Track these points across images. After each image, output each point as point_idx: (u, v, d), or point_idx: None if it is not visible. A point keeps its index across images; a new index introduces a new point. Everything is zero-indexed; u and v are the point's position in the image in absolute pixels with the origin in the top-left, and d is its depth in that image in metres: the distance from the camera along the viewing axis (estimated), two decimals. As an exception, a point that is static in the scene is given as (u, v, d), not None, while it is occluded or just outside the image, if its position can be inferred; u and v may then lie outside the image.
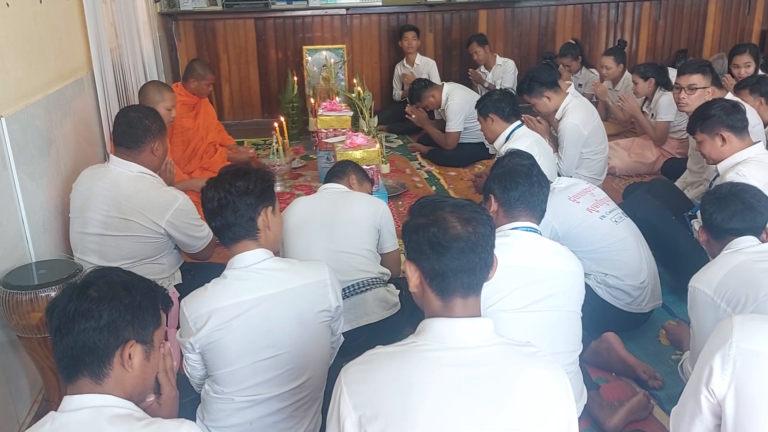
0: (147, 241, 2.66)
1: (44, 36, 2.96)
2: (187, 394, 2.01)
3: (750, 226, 2.10)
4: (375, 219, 2.74)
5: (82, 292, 1.36)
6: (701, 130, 2.97)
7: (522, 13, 6.91)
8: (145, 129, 2.69)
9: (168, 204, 2.65)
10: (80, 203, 2.69)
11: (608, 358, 2.58)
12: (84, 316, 1.33)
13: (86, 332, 1.32)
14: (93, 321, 1.33)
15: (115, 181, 2.65)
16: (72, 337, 1.32)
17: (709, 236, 2.21)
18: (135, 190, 2.64)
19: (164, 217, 2.63)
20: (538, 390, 1.29)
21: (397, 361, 1.31)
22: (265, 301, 1.84)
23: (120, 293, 1.37)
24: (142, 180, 2.67)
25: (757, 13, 7.20)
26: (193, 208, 2.73)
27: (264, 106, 6.71)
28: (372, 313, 2.63)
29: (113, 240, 2.64)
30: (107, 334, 1.34)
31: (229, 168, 1.93)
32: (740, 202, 2.11)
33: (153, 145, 2.71)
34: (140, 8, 4.89)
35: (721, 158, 2.95)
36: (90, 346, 1.33)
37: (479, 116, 3.69)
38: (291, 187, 4.76)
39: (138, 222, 2.61)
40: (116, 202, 2.62)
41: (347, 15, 6.62)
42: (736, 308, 1.93)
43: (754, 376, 1.36)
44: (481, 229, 1.37)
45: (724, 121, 2.92)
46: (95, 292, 1.36)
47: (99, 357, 1.33)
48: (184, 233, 2.69)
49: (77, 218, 2.70)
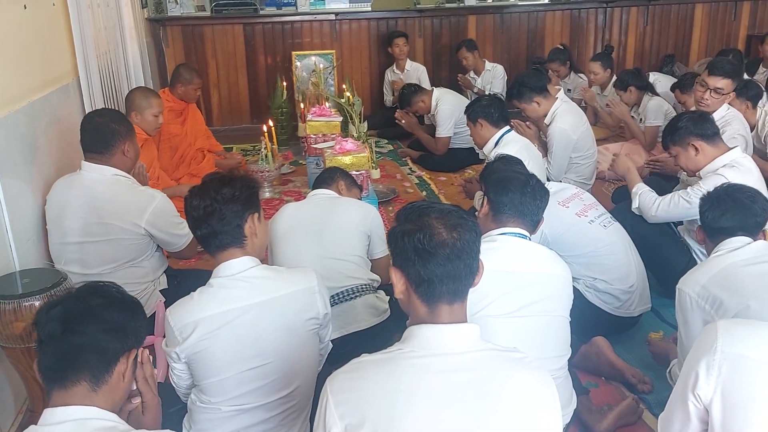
0: (128, 244, 2.64)
1: (28, 42, 2.94)
2: (174, 403, 1.99)
3: (741, 225, 2.11)
4: (365, 225, 2.73)
5: (89, 297, 1.37)
6: (673, 144, 3.02)
7: (511, 19, 6.94)
8: (113, 132, 2.68)
9: (146, 203, 2.64)
10: (56, 214, 2.67)
11: (597, 363, 2.58)
12: (96, 315, 1.34)
13: (94, 335, 1.32)
14: (103, 323, 1.34)
15: (90, 186, 2.64)
16: (81, 337, 1.31)
17: (704, 235, 2.23)
18: (111, 194, 2.62)
19: (143, 216, 2.62)
20: (525, 396, 1.29)
21: (384, 368, 1.30)
22: (252, 309, 1.82)
23: (127, 303, 1.42)
24: (117, 183, 2.66)
25: (743, 18, 7.26)
26: (171, 206, 2.73)
27: (253, 112, 6.69)
28: (361, 320, 2.62)
29: (94, 246, 2.62)
30: (114, 339, 1.35)
31: (212, 175, 1.91)
32: (732, 201, 2.13)
33: (123, 147, 2.70)
34: (126, 14, 4.86)
35: (699, 168, 2.97)
36: (101, 346, 1.33)
37: (468, 121, 3.69)
38: (280, 193, 4.74)
39: (118, 225, 2.60)
40: (93, 208, 2.61)
41: (336, 20, 6.62)
42: (719, 311, 1.94)
43: (739, 381, 1.37)
44: (467, 235, 1.37)
45: (692, 131, 2.95)
46: (101, 299, 1.38)
47: (107, 359, 1.34)
48: (164, 231, 2.68)
49: (55, 229, 2.68)
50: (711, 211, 2.15)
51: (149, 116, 3.67)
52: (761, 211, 2.13)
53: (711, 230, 2.17)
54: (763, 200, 2.17)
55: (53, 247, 2.71)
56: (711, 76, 3.63)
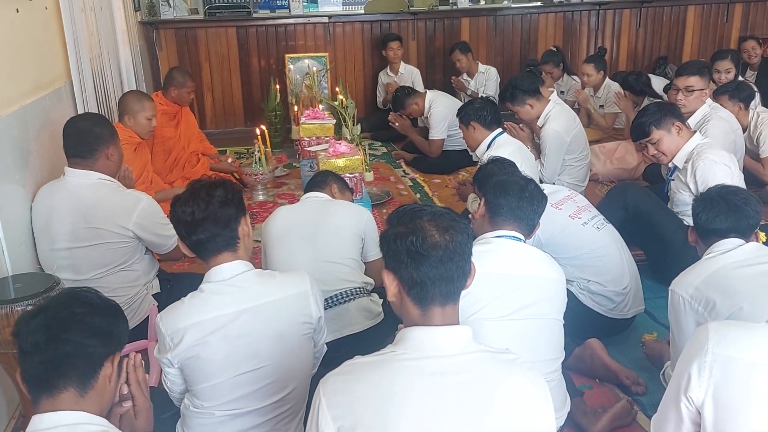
0: (117, 247, 2.64)
1: (21, 46, 2.92)
2: (167, 408, 1.98)
3: (734, 227, 2.12)
4: (359, 227, 2.72)
5: (70, 303, 1.36)
6: (657, 127, 3.15)
7: (504, 21, 6.95)
8: (97, 136, 2.68)
9: (132, 206, 2.64)
10: (42, 221, 2.67)
11: (592, 365, 2.58)
12: (80, 321, 1.34)
13: (79, 342, 1.32)
14: (90, 327, 1.34)
15: (76, 192, 2.63)
16: (68, 344, 1.31)
17: (697, 236, 2.24)
18: (97, 198, 2.62)
19: (131, 219, 2.62)
20: (518, 397, 1.30)
21: (377, 371, 1.30)
22: (245, 314, 1.81)
23: (109, 307, 1.42)
24: (102, 186, 2.66)
25: (735, 20, 7.30)
26: (158, 207, 2.73)
27: (247, 115, 6.68)
28: (355, 323, 2.61)
29: (83, 251, 2.61)
30: (105, 339, 1.35)
31: (198, 182, 1.89)
32: (725, 203, 2.14)
33: (107, 151, 2.70)
34: (119, 17, 4.85)
35: (678, 149, 3.14)
36: (86, 351, 1.33)
37: (461, 124, 3.70)
38: (274, 196, 4.73)
39: (106, 228, 2.60)
40: (80, 213, 2.60)
41: (330, 23, 6.62)
42: (711, 313, 1.95)
43: (731, 383, 1.37)
44: (459, 237, 1.37)
45: (673, 112, 3.21)
46: (81, 307, 1.37)
47: (93, 364, 1.34)
48: (152, 233, 2.68)
49: (42, 237, 2.68)
50: (705, 213, 2.16)
51: (142, 119, 3.66)
52: (754, 213, 2.14)
53: (704, 231, 2.18)
54: (755, 203, 2.18)
55: (42, 255, 2.70)
56: (678, 77, 3.87)
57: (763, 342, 1.39)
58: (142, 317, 2.75)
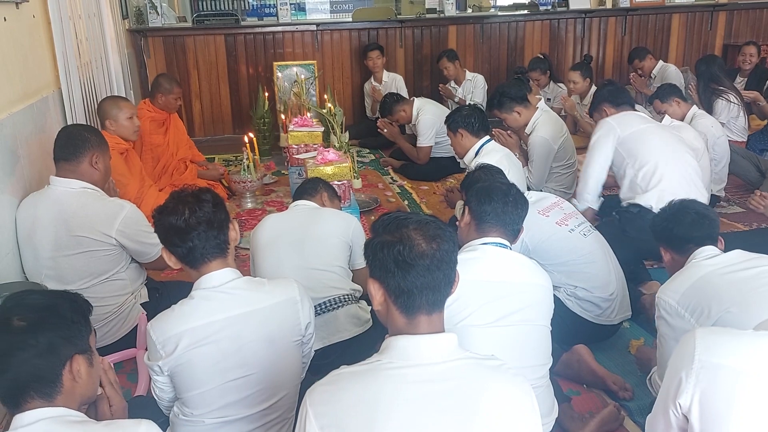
0: (101, 256, 2.63)
1: (9, 54, 2.92)
2: (156, 416, 1.97)
3: (709, 234, 2.18)
4: (347, 235, 2.73)
5: (6, 326, 1.33)
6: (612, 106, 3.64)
7: (491, 29, 7.00)
8: (84, 139, 2.69)
9: (115, 213, 2.63)
10: (26, 231, 2.66)
11: (579, 370, 2.60)
12: (20, 347, 1.31)
13: (28, 362, 1.31)
14: (32, 349, 1.31)
15: (59, 200, 2.63)
16: (13, 371, 1.30)
17: (672, 253, 2.27)
18: (80, 205, 2.61)
19: (113, 226, 2.61)
20: (504, 404, 1.30)
21: (363, 380, 1.30)
22: (235, 321, 1.81)
23: (47, 315, 1.36)
24: (85, 194, 2.65)
25: (719, 28, 7.40)
26: (141, 215, 2.71)
27: (235, 122, 6.69)
28: (344, 330, 2.62)
29: (66, 260, 2.60)
30: (50, 357, 1.33)
31: (180, 191, 1.88)
32: (693, 212, 2.21)
33: (92, 155, 2.69)
34: (108, 25, 4.84)
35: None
36: (36, 373, 1.31)
37: (449, 131, 3.72)
38: (262, 204, 4.74)
39: (88, 237, 2.58)
40: (63, 221, 2.59)
41: (318, 31, 6.64)
42: (699, 319, 1.97)
43: (717, 390, 1.38)
44: (445, 245, 1.38)
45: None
46: (21, 321, 1.33)
47: (47, 380, 1.33)
48: (136, 240, 2.67)
49: (26, 246, 2.67)
50: (679, 227, 2.21)
51: (123, 120, 3.65)
52: (717, 220, 2.23)
53: (680, 242, 2.21)
54: (713, 211, 2.28)
55: (27, 265, 2.68)
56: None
57: (748, 349, 1.39)
58: (131, 326, 2.74)
